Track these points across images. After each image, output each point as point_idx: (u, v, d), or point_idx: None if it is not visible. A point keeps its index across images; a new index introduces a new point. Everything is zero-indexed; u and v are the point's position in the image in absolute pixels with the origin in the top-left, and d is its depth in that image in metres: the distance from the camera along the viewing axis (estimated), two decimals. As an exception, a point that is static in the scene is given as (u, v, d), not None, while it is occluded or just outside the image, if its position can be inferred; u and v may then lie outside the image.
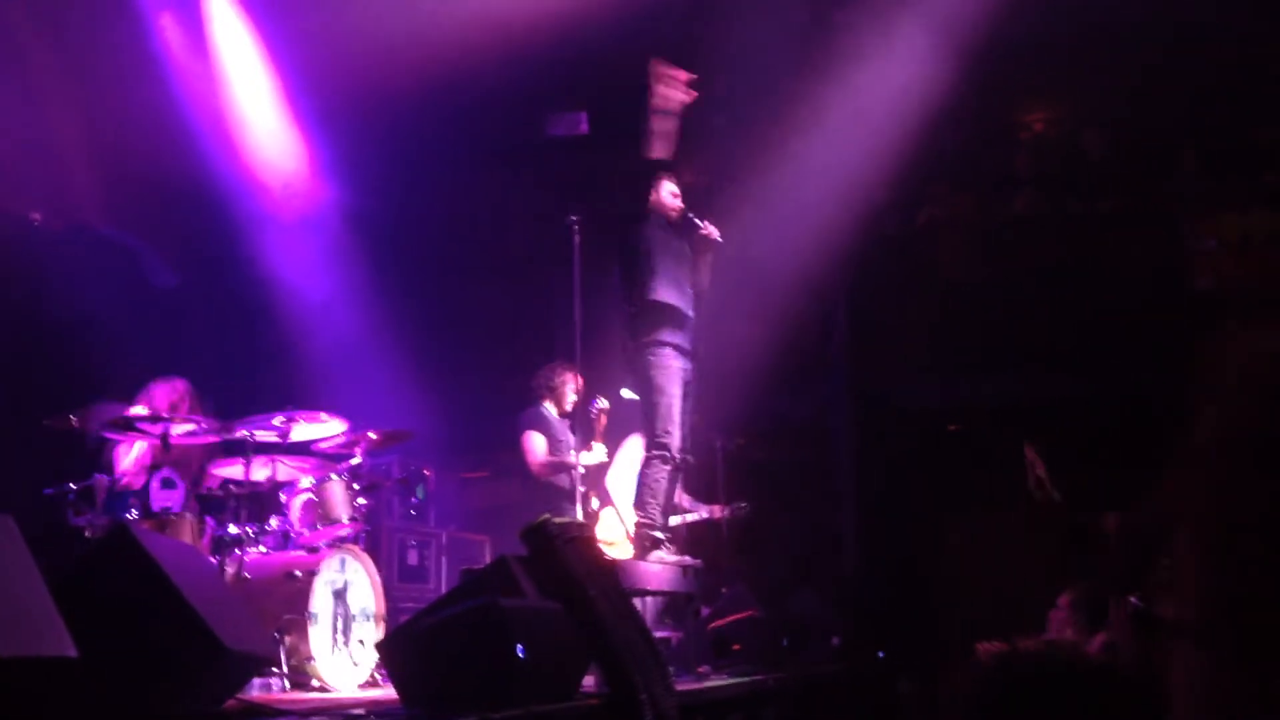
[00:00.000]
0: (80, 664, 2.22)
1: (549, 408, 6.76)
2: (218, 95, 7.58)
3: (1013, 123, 9.48)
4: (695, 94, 5.94)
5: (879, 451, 8.63)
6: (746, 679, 4.99)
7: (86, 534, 5.21)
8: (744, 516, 6.94)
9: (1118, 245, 8.35)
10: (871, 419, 8.76)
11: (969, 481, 8.18)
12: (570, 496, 6.25)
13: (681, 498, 7.01)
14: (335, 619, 5.20)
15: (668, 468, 5.52)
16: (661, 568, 5.28)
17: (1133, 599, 3.08)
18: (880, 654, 6.67)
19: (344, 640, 5.20)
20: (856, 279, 8.74)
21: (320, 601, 5.13)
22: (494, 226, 8.64)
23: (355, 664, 5.21)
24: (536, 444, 6.59)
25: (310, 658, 4.95)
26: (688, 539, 6.50)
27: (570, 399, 6.71)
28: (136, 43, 7.06)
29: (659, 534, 5.43)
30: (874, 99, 7.76)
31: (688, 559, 5.52)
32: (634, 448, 6.91)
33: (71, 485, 5.40)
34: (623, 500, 6.76)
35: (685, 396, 5.66)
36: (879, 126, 7.77)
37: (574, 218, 6.06)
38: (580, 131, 8.67)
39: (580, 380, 6.47)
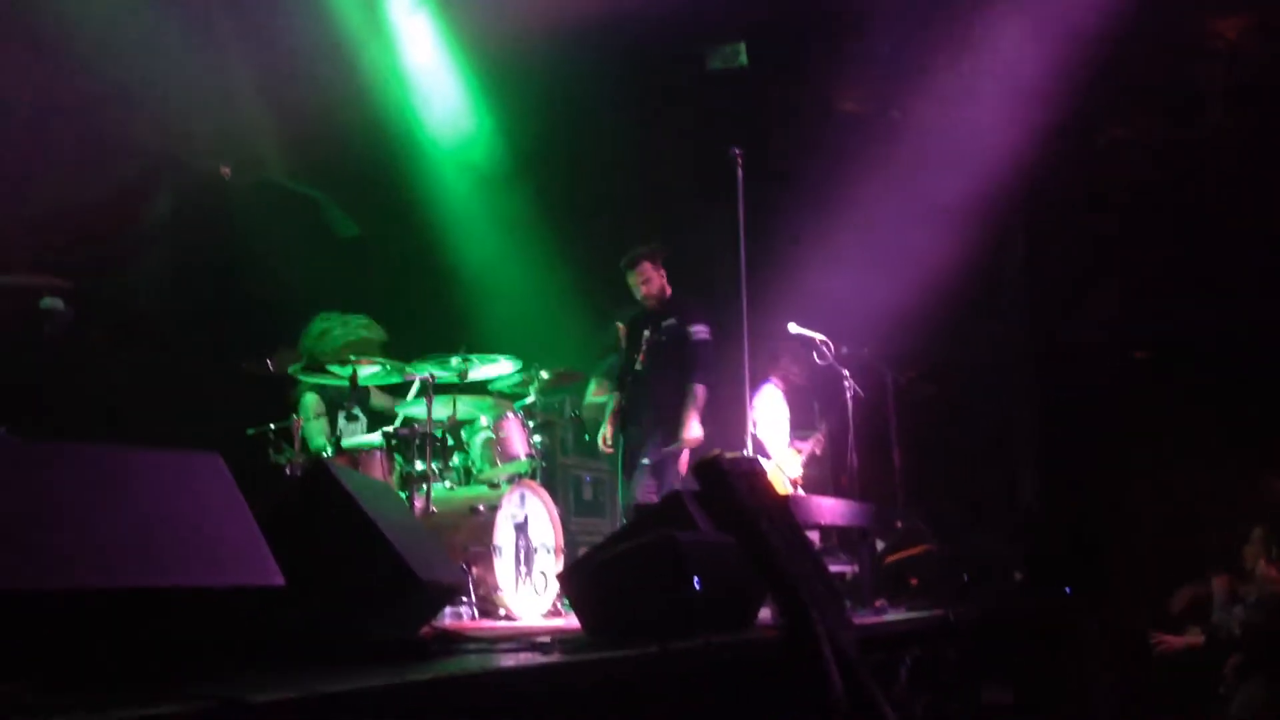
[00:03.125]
0: (286, 593, 2.36)
1: None
2: (389, 46, 7.79)
3: (1203, 32, 8.83)
4: None
5: (1059, 383, 8.33)
6: (926, 614, 4.92)
7: (286, 471, 5.53)
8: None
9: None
10: (1051, 349, 8.45)
11: (1153, 413, 7.83)
12: None
13: (794, 442, 6.97)
14: (518, 551, 5.39)
15: None
16: (833, 502, 5.25)
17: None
18: (1067, 590, 6.49)
19: (526, 571, 5.39)
20: (1033, 205, 8.39)
21: (503, 535, 5.32)
22: (654, 164, 8.62)
23: (538, 594, 5.40)
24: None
25: (496, 588, 5.15)
26: (861, 478, 6.43)
27: None
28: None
29: None
30: (1049, 12, 7.37)
31: None
32: (770, 395, 6.88)
33: (271, 425, 5.73)
34: (776, 448, 6.75)
35: None
36: (1055, 41, 7.38)
37: (737, 151, 5.99)
38: (739, 65, 8.53)
39: None
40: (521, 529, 5.45)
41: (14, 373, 5.13)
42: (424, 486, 5.47)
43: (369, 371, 5.63)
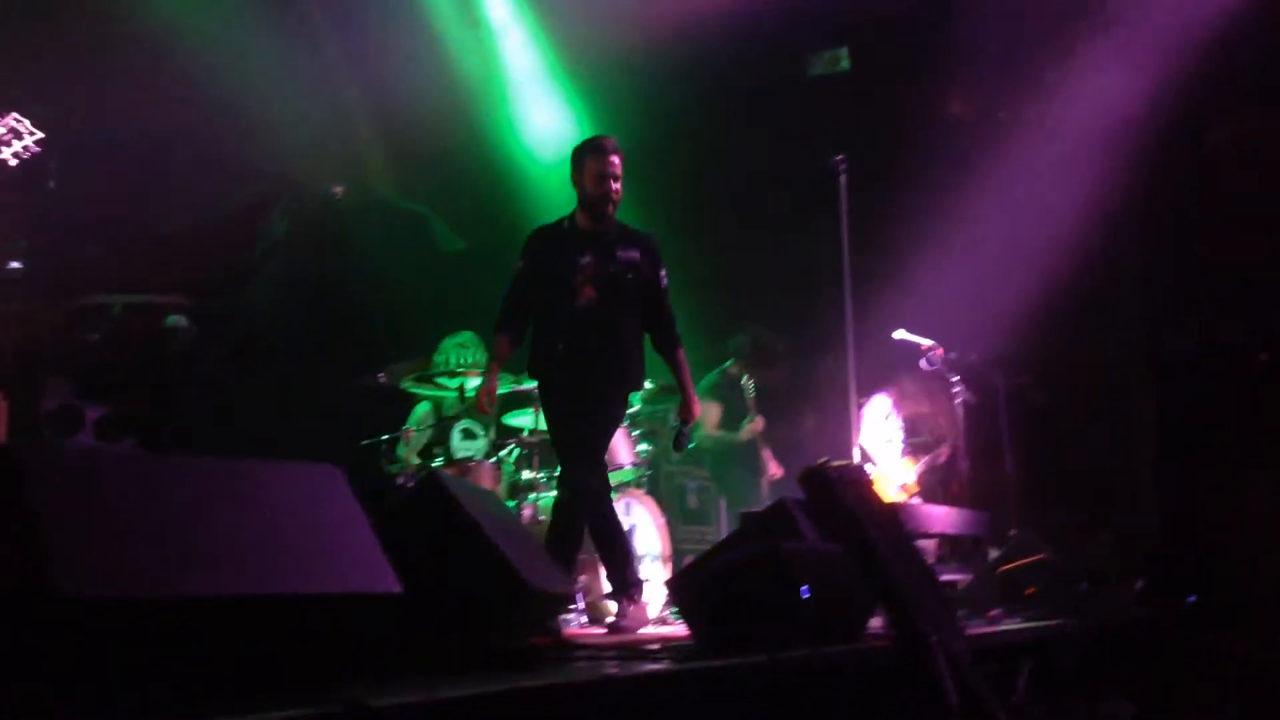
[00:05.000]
0: (402, 601, 2.41)
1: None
2: (490, 64, 7.94)
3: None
4: None
5: (1177, 385, 8.04)
6: (1042, 624, 4.81)
7: (399, 481, 5.67)
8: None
9: None
10: (1168, 350, 8.16)
11: (1277, 416, 7.50)
12: None
13: (906, 451, 6.85)
14: (624, 560, 5.41)
15: None
16: (945, 510, 5.16)
17: None
18: (1190, 599, 6.26)
19: (633, 580, 5.41)
20: (1147, 205, 8.13)
21: (609, 544, 5.34)
22: (756, 171, 8.59)
23: (646, 602, 5.42)
24: None
25: (604, 596, 5.18)
26: (971, 485, 6.31)
27: None
28: (415, 19, 7.48)
29: None
30: (1162, 8, 7.15)
31: None
32: (880, 405, 6.79)
33: (384, 436, 5.88)
34: (882, 456, 6.66)
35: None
36: (1166, 40, 7.15)
37: (839, 158, 5.94)
38: (842, 70, 8.46)
39: None
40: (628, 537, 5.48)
41: (142, 388, 5.35)
42: (532, 495, 5.54)
43: (477, 383, 5.72)
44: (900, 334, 6.55)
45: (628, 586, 4.68)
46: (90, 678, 1.80)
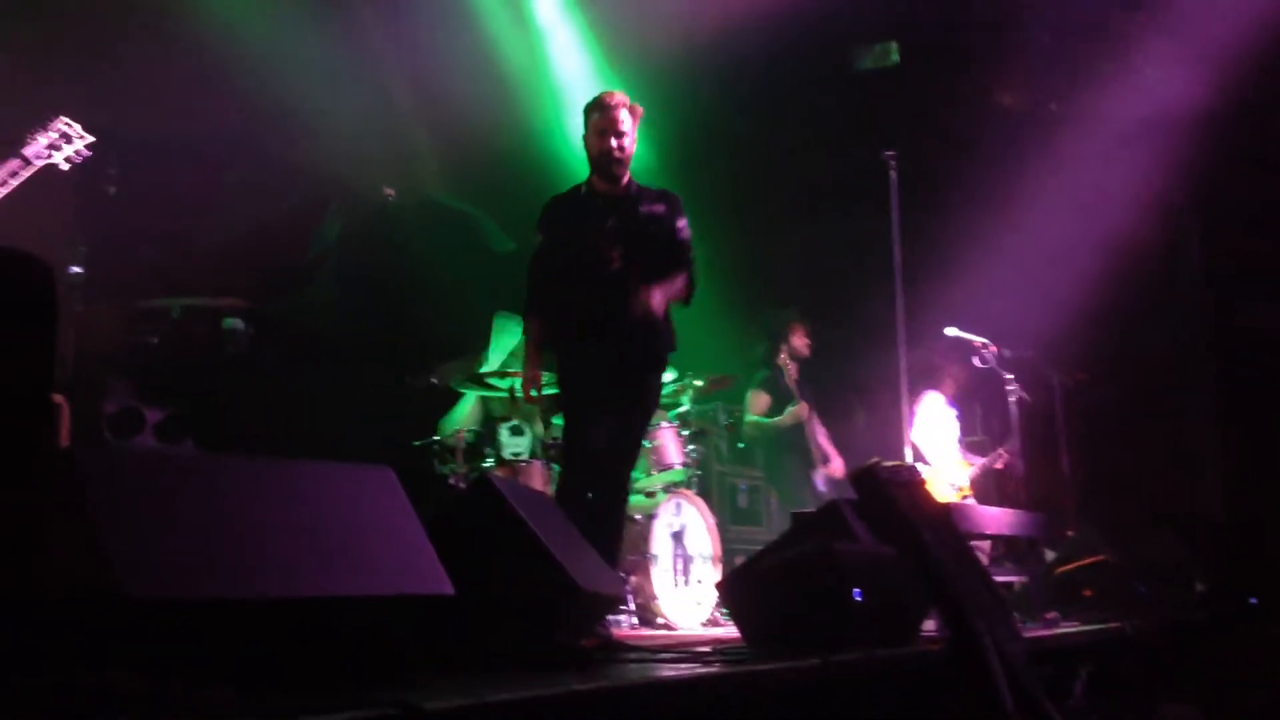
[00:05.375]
0: (454, 602, 2.43)
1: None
2: (538, 64, 7.97)
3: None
4: None
5: (1239, 379, 7.87)
6: (1101, 626, 4.73)
7: (450, 481, 5.71)
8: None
9: None
10: (1230, 344, 8.00)
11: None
12: None
13: (961, 450, 6.75)
14: (675, 560, 5.42)
15: None
16: (1000, 511, 5.10)
17: None
18: (1253, 600, 6.13)
19: (684, 580, 5.41)
20: (1206, 196, 7.97)
21: (660, 543, 5.36)
22: (805, 167, 8.54)
23: (697, 603, 5.41)
24: None
25: (654, 597, 5.19)
26: (1027, 485, 6.23)
27: None
28: (464, 20, 7.53)
29: None
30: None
31: None
32: (933, 403, 6.70)
33: (435, 437, 5.92)
34: (936, 455, 6.59)
35: None
36: (1227, 29, 7.00)
37: (889, 153, 5.89)
38: (891, 64, 8.38)
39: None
40: (678, 538, 5.48)
41: (200, 389, 5.44)
42: (582, 496, 5.54)
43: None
44: (953, 331, 6.48)
45: None
46: (152, 677, 1.83)
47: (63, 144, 4.24)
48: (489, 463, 5.69)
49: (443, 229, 7.65)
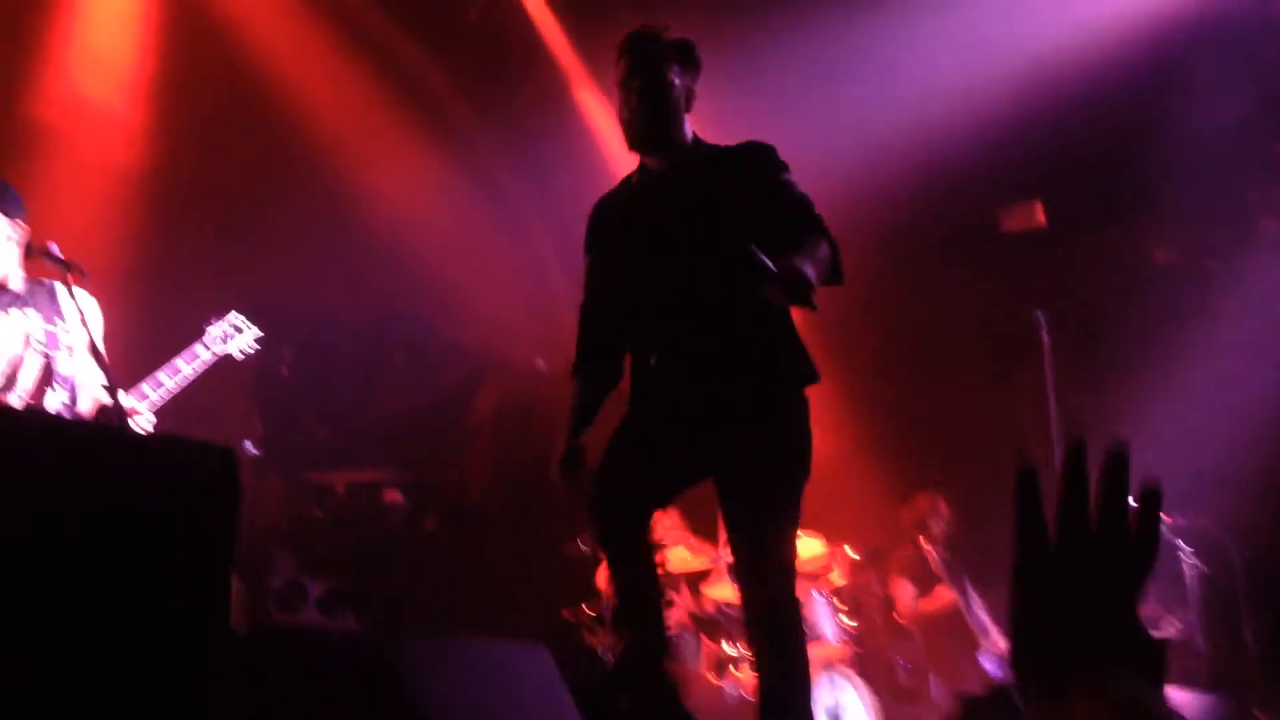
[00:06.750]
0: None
1: None
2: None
3: None
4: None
5: None
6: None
7: (599, 652, 5.66)
8: None
9: None
10: None
11: None
12: None
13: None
14: (836, 746, 5.21)
15: None
16: (1179, 693, 4.76)
17: None
18: None
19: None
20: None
21: (816, 724, 5.16)
22: (952, 327, 8.44)
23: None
24: None
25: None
26: (1210, 664, 5.80)
27: None
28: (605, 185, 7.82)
29: None
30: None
31: None
32: None
33: (584, 608, 5.91)
34: None
35: None
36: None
37: (1039, 313, 5.81)
38: (1037, 224, 8.32)
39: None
40: (835, 717, 5.27)
41: (361, 562, 5.60)
42: (735, 668, 5.42)
43: (674, 553, 5.73)
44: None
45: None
46: None
47: (235, 334, 4.18)
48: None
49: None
